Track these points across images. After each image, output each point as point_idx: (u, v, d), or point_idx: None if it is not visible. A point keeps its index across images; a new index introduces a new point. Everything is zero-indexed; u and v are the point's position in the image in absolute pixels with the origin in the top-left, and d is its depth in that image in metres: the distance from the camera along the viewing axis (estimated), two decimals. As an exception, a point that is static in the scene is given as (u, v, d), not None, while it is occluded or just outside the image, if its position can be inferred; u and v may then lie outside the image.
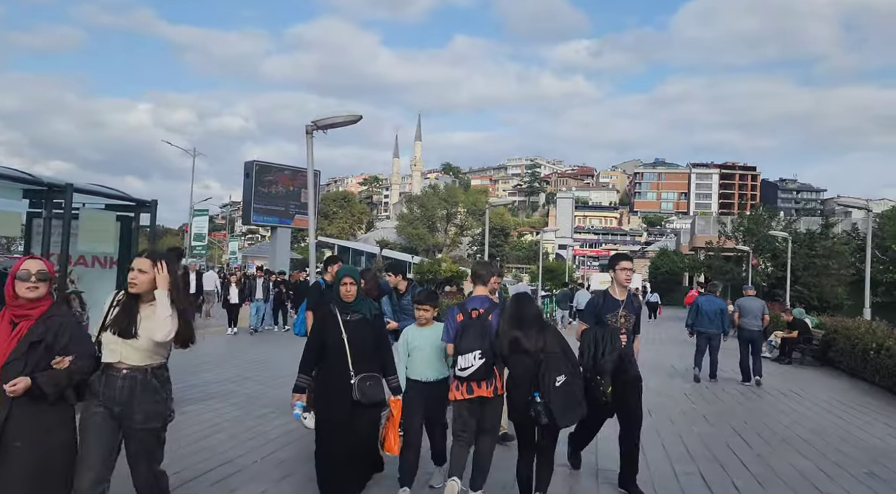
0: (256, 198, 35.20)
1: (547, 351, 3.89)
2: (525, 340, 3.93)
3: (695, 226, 48.95)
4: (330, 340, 4.20)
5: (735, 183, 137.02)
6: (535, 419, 3.82)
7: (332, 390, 4.16)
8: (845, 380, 11.38)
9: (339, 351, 4.15)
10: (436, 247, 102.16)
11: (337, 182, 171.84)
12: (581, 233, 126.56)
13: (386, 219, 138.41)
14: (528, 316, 4.04)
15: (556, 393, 3.76)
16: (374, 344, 4.26)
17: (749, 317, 10.73)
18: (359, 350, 4.17)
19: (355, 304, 4.26)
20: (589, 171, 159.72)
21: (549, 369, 3.81)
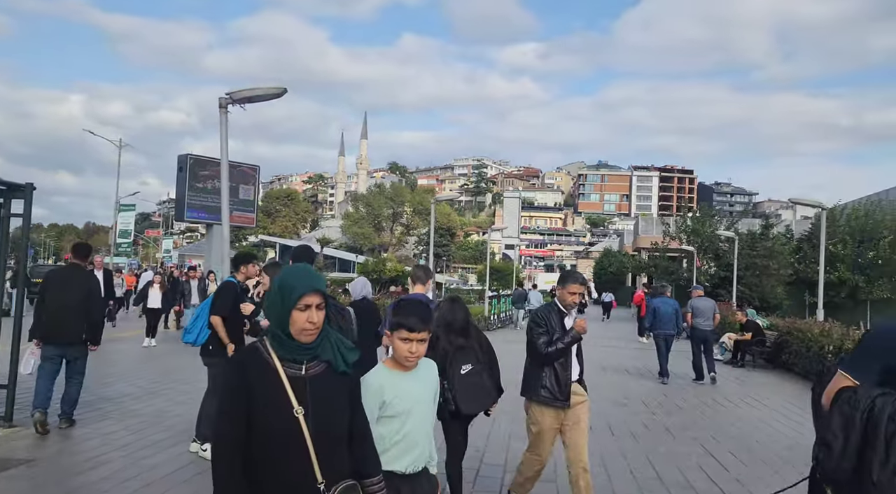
0: (191, 193, 33.22)
1: (460, 345, 3.98)
2: (444, 340, 3.97)
3: (638, 227, 49.46)
4: (272, 419, 1.95)
5: (674, 185, 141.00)
6: (444, 405, 3.83)
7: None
8: (801, 384, 11.00)
9: (292, 443, 1.96)
10: (381, 247, 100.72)
11: (281, 180, 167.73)
12: (527, 233, 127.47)
13: (331, 217, 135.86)
14: (457, 322, 4.06)
15: (461, 381, 3.88)
16: (350, 418, 2.10)
17: (702, 318, 10.88)
18: (328, 436, 2.00)
19: (317, 345, 2.02)
20: (534, 172, 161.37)
21: (456, 359, 3.93)
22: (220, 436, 1.95)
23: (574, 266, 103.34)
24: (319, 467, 1.93)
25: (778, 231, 28.80)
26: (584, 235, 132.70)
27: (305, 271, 2.03)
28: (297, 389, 1.93)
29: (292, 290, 1.93)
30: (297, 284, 1.94)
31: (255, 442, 1.91)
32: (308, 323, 1.91)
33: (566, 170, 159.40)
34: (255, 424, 1.90)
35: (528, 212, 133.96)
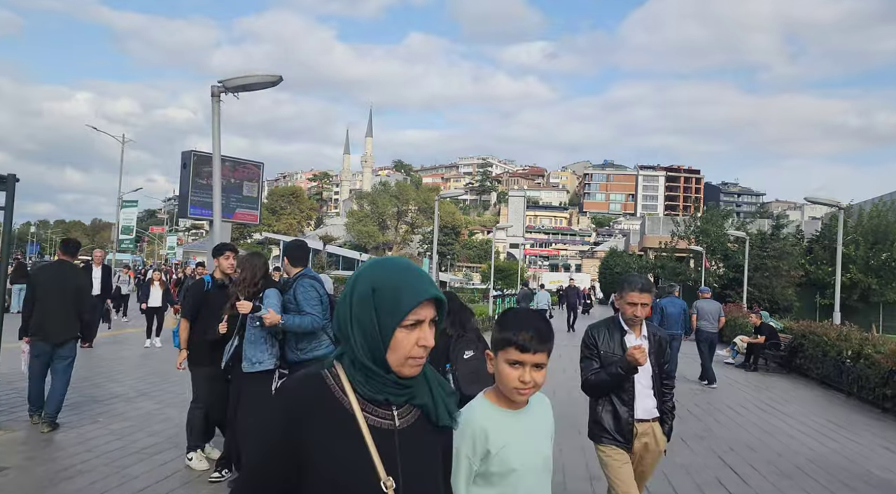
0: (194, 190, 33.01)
1: (462, 333, 4.19)
2: (445, 323, 3.70)
3: (645, 227, 49.00)
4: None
5: (680, 185, 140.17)
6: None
7: None
8: (818, 390, 10.61)
9: None
10: (386, 245, 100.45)
11: (286, 177, 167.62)
12: (531, 232, 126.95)
13: (336, 215, 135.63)
14: (452, 308, 4.14)
15: (464, 365, 4.03)
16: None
17: (706, 320, 10.79)
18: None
19: (416, 382, 1.35)
20: (539, 172, 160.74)
21: (459, 345, 4.11)
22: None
23: (579, 266, 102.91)
24: None
25: (788, 232, 28.27)
26: (590, 235, 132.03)
27: (410, 268, 1.30)
28: (384, 449, 1.24)
29: (398, 298, 1.24)
30: (405, 288, 1.25)
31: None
32: (419, 347, 1.25)
33: (571, 170, 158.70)
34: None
35: (532, 212, 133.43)
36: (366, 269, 1.31)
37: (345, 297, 1.29)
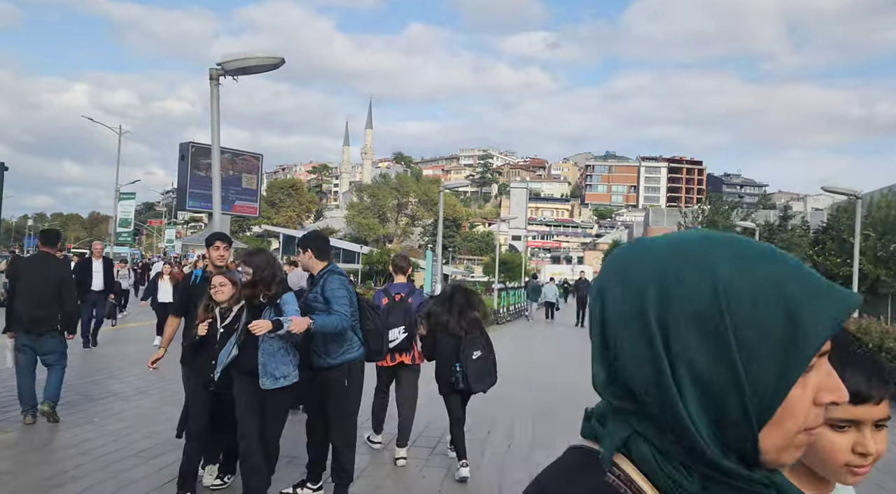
0: (192, 182, 32.58)
1: (468, 332, 4.69)
2: (452, 324, 4.70)
3: (648, 218, 48.70)
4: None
5: (682, 177, 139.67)
6: (454, 384, 4.64)
7: None
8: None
9: None
10: (386, 238, 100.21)
11: (285, 170, 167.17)
12: (533, 224, 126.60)
13: (335, 208, 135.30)
14: (456, 304, 4.77)
15: (473, 364, 4.60)
16: None
17: None
18: None
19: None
20: (541, 163, 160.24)
21: (469, 345, 4.62)
22: None
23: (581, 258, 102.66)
24: None
25: (794, 223, 27.96)
26: (592, 227, 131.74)
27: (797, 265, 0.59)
28: None
29: (813, 330, 0.56)
30: (821, 310, 0.56)
31: None
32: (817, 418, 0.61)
33: (573, 161, 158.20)
34: None
35: (534, 203, 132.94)
36: (781, 271, 0.58)
37: (644, 323, 0.59)
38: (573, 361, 11.63)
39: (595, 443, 0.63)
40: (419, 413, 5.47)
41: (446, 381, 4.72)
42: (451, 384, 4.69)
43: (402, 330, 5.05)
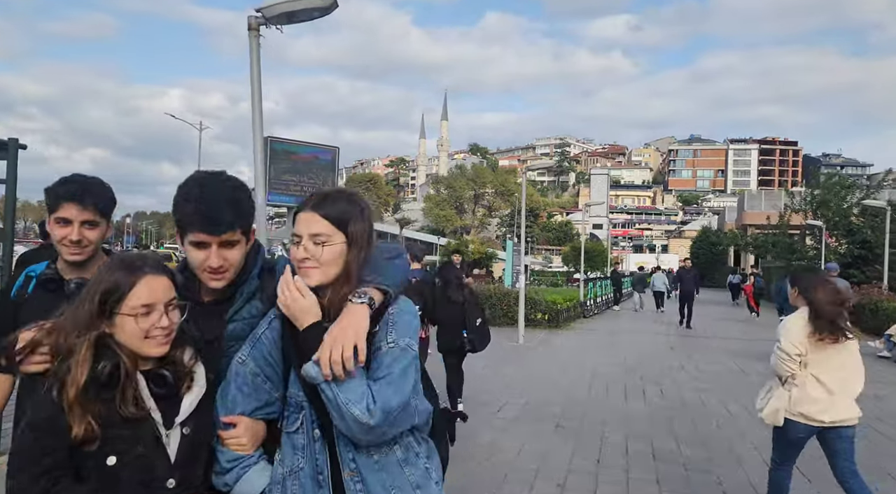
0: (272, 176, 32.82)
1: (468, 302, 5.90)
2: (453, 294, 5.86)
3: (743, 202, 45.24)
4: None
5: (776, 159, 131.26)
6: (461, 347, 5.84)
7: None
8: None
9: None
10: (464, 229, 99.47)
11: (363, 164, 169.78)
12: (613, 212, 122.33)
13: (413, 200, 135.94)
14: (450, 278, 5.99)
15: (476, 330, 5.83)
16: None
17: None
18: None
19: None
20: (620, 150, 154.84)
21: (471, 314, 5.86)
22: None
23: (665, 246, 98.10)
24: None
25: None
26: (676, 214, 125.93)
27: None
28: None
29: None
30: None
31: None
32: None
33: (654, 146, 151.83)
34: None
35: (614, 191, 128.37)
36: None
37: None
38: (691, 367, 10.20)
39: None
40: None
41: (453, 345, 5.83)
42: (459, 347, 5.82)
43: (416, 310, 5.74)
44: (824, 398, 3.33)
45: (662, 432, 5.93)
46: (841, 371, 3.39)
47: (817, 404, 3.33)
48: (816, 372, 3.35)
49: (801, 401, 3.36)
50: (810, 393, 3.34)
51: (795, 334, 3.38)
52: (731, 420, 6.46)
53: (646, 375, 8.95)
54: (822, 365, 3.35)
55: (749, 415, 6.65)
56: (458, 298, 5.77)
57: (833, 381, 3.34)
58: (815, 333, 3.34)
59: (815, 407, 3.34)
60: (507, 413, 6.54)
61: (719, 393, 7.87)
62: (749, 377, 9.19)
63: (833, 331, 3.33)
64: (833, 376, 3.35)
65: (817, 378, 3.35)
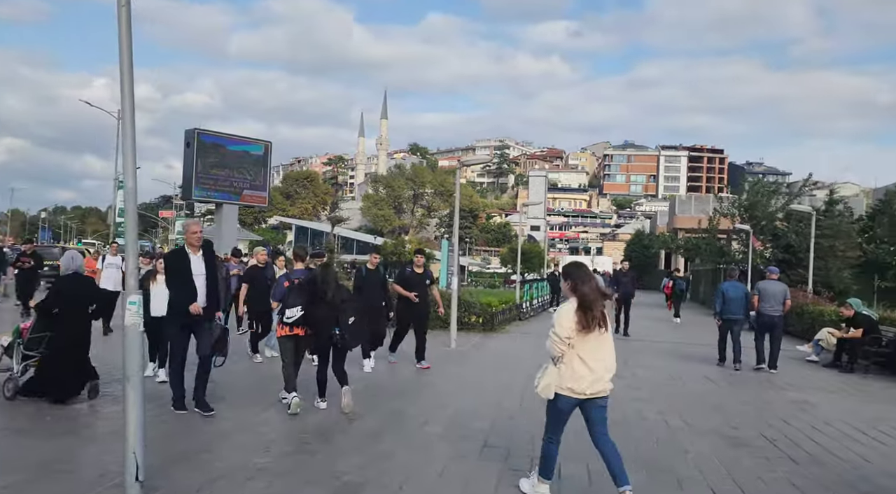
0: (200, 170, 30.95)
1: (344, 301, 6.30)
2: (328, 294, 6.21)
3: (674, 207, 46.45)
4: None
5: (703, 166, 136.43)
6: (335, 344, 6.20)
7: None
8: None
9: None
10: (402, 229, 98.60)
11: (301, 162, 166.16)
12: (550, 215, 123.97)
13: (351, 199, 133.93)
14: (329, 280, 6.33)
15: (349, 327, 6.19)
16: None
17: (770, 302, 10.20)
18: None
19: None
20: (558, 153, 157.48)
21: (345, 313, 6.21)
22: None
23: (600, 249, 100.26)
24: None
25: (839, 209, 25.69)
26: (610, 217, 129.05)
27: None
28: None
29: None
30: None
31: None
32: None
33: (591, 151, 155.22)
34: None
35: (551, 194, 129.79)
36: None
37: None
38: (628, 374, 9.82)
39: None
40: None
41: (324, 342, 6.25)
42: (330, 344, 6.24)
43: (299, 309, 6.32)
44: (587, 374, 3.93)
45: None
46: (600, 352, 4.00)
47: (582, 380, 3.94)
48: (581, 353, 3.93)
49: (568, 377, 3.95)
50: (576, 370, 3.94)
51: (566, 321, 3.92)
52: (671, 435, 6.03)
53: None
54: (585, 347, 3.94)
55: (690, 429, 6.26)
56: (331, 298, 6.19)
57: (594, 361, 3.95)
58: (581, 321, 3.89)
59: (580, 383, 3.94)
60: (433, 428, 5.92)
61: (658, 403, 7.49)
62: (686, 385, 8.90)
63: (594, 321, 3.90)
64: (594, 356, 3.96)
65: (582, 358, 3.93)
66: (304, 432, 5.57)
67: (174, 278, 6.02)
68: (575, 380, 3.94)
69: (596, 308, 3.93)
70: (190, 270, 5.93)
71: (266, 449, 5.02)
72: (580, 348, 3.93)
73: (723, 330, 10.48)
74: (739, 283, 10.86)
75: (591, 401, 4.03)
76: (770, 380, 9.43)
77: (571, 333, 3.91)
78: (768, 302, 10.16)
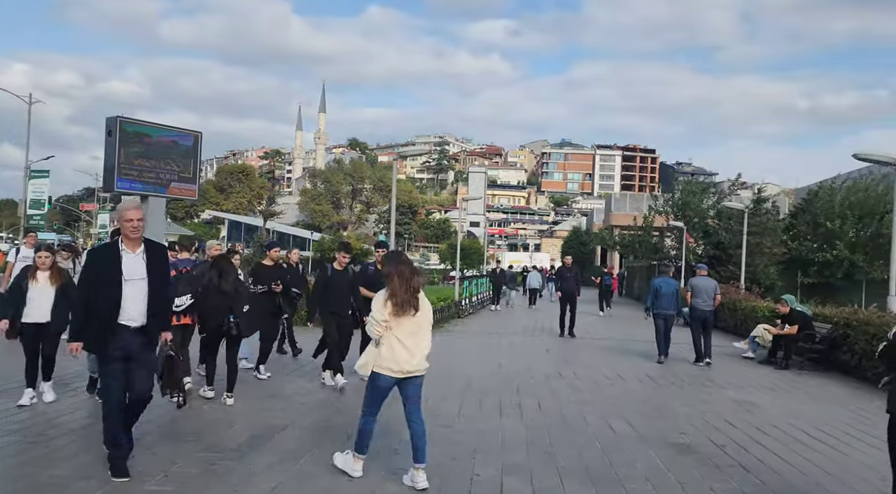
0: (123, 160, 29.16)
1: (238, 291, 6.44)
2: (223, 284, 6.29)
3: (611, 204, 47.28)
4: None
5: (636, 165, 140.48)
6: (229, 331, 6.26)
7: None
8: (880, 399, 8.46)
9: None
10: (341, 225, 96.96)
11: (236, 155, 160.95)
12: (490, 211, 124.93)
13: (288, 194, 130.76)
14: (227, 271, 6.39)
15: (244, 317, 6.34)
16: None
17: (702, 297, 10.66)
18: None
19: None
20: (497, 151, 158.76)
21: (239, 301, 6.37)
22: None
23: (538, 245, 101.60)
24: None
25: (766, 207, 26.57)
26: (548, 214, 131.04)
27: None
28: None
29: None
30: None
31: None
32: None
33: (529, 149, 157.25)
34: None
35: (490, 191, 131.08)
36: None
37: None
38: (569, 374, 9.54)
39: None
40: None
41: (216, 329, 6.33)
42: (223, 331, 6.30)
43: (188, 298, 6.41)
44: (404, 354, 4.23)
45: (542, 462, 5.01)
46: (416, 335, 4.31)
47: (400, 360, 4.23)
48: (398, 335, 4.23)
49: (388, 358, 4.24)
50: (395, 351, 4.23)
51: (381, 306, 4.23)
52: (616, 442, 5.69)
53: (522, 385, 8.12)
54: (401, 330, 4.23)
55: (636, 434, 5.94)
56: (227, 288, 6.28)
57: (410, 342, 4.27)
58: (393, 306, 4.20)
59: (399, 363, 4.23)
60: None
61: (600, 405, 7.19)
62: (628, 383, 8.67)
63: (405, 305, 4.21)
64: (411, 338, 4.27)
65: (399, 339, 4.23)
66: (212, 448, 4.90)
67: (84, 281, 4.43)
68: (393, 360, 4.23)
69: (406, 294, 4.24)
70: (115, 273, 4.22)
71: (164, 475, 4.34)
72: (397, 331, 4.23)
73: (658, 325, 10.63)
74: (672, 279, 11.14)
75: (409, 380, 4.34)
76: (710, 378, 9.34)
77: (388, 316, 4.20)
78: (700, 297, 10.63)
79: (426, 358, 4.39)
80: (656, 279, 11.15)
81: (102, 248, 4.90)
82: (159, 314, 4.43)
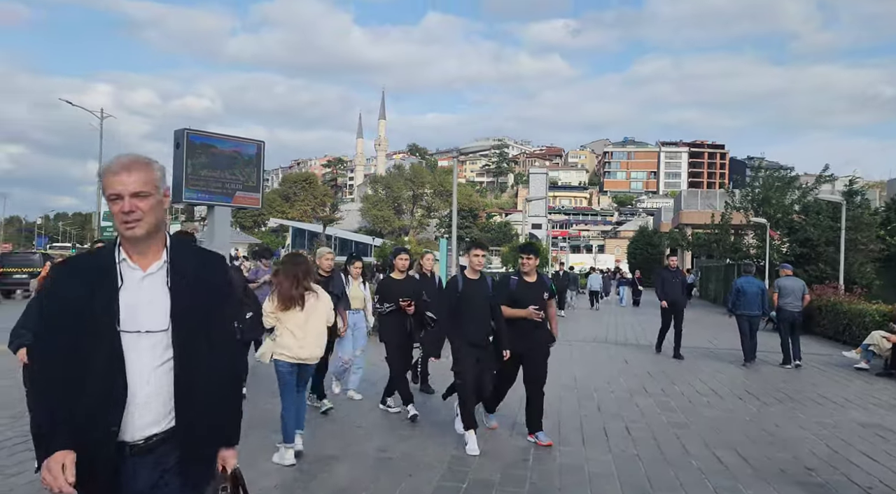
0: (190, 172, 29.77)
1: (247, 295, 6.45)
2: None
3: (680, 202, 45.14)
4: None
5: (704, 161, 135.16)
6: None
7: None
8: None
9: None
10: (402, 230, 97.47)
11: (300, 164, 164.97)
12: (551, 213, 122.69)
13: (351, 201, 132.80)
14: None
15: (247, 322, 6.00)
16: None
17: (789, 298, 10.33)
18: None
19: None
20: (557, 151, 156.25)
21: (245, 308, 6.19)
22: None
23: (602, 246, 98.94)
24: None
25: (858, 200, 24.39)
26: (612, 214, 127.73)
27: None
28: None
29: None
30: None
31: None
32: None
33: (590, 148, 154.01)
34: None
35: (551, 192, 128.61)
36: None
37: None
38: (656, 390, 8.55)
39: None
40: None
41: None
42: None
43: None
44: (294, 343, 4.79)
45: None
46: (306, 326, 4.82)
47: (292, 347, 4.80)
48: (289, 326, 4.80)
49: (282, 345, 4.82)
50: (287, 340, 4.80)
51: (269, 301, 4.87)
52: (729, 479, 4.73)
53: (604, 403, 7.20)
54: (291, 321, 4.80)
55: (750, 469, 4.93)
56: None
57: (300, 332, 4.81)
58: (279, 301, 4.81)
59: (291, 350, 4.80)
60: (429, 474, 4.59)
61: (699, 428, 6.20)
62: (725, 401, 7.59)
63: (288, 301, 4.78)
64: (299, 329, 4.81)
65: (290, 329, 4.80)
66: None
67: (38, 342, 2.17)
68: (286, 347, 4.79)
69: (292, 291, 4.77)
70: (105, 315, 1.86)
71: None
72: (287, 322, 4.79)
73: (743, 327, 10.22)
74: (755, 279, 10.67)
75: (304, 366, 4.91)
76: (823, 394, 8.12)
77: (275, 310, 4.80)
78: (788, 298, 10.31)
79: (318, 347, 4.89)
80: (739, 278, 10.82)
81: (81, 259, 2.14)
82: (214, 411, 1.98)
